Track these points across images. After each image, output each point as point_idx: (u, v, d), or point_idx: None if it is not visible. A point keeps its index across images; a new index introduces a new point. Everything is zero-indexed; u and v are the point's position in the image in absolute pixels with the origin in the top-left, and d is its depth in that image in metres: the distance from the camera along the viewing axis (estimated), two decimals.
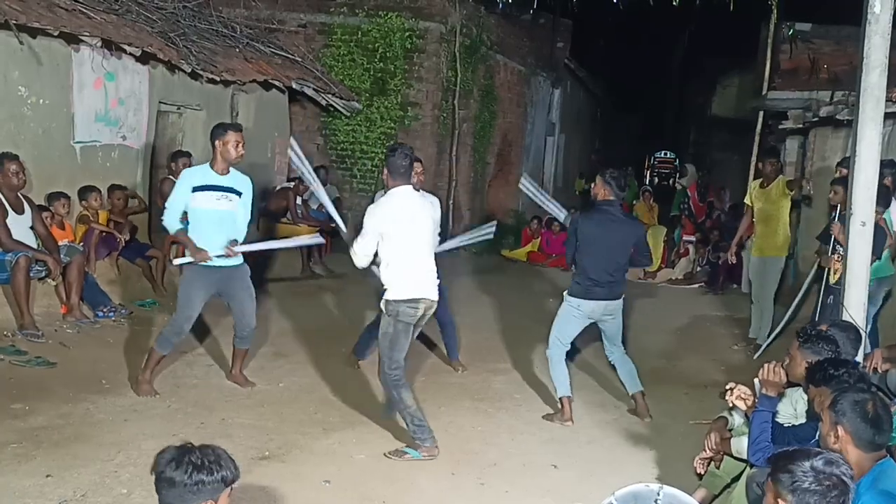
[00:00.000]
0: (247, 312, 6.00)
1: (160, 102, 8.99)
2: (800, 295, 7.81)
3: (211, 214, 5.72)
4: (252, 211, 6.05)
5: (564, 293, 6.07)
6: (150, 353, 5.88)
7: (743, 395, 4.31)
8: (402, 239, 5.15)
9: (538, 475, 5.06)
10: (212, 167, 5.77)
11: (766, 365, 4.09)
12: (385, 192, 5.38)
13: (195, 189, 5.69)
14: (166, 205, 5.83)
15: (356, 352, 6.94)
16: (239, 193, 5.83)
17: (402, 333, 5.18)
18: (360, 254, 5.20)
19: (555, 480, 5.00)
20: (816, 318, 6.64)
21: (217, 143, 5.69)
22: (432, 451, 5.13)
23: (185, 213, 5.77)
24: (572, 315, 6.01)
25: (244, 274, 5.97)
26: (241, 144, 5.72)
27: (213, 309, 6.83)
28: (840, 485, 2.67)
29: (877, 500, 2.95)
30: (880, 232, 6.14)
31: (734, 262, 9.37)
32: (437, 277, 5.37)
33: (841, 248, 5.96)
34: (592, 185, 6.09)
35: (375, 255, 5.20)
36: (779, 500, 2.72)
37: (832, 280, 6.62)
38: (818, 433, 3.45)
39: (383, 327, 5.23)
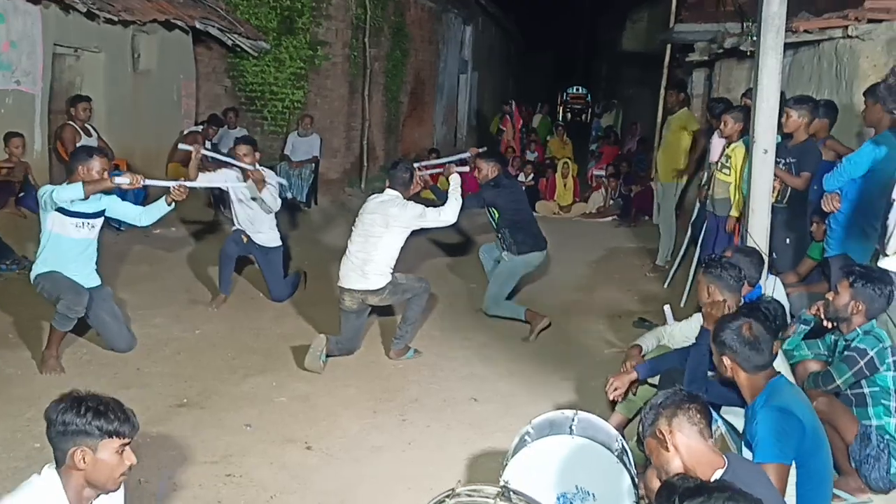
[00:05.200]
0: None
1: (55, 45, 8.56)
2: (692, 222, 8.05)
3: None
4: None
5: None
6: (50, 331, 5.37)
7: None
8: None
9: (458, 409, 5.15)
10: None
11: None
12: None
13: None
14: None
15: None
16: None
17: None
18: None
19: (475, 413, 5.09)
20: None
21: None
22: None
23: None
24: None
25: None
26: None
27: (112, 260, 6.64)
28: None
29: (770, 416, 3.15)
30: None
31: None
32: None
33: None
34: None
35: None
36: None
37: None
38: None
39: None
